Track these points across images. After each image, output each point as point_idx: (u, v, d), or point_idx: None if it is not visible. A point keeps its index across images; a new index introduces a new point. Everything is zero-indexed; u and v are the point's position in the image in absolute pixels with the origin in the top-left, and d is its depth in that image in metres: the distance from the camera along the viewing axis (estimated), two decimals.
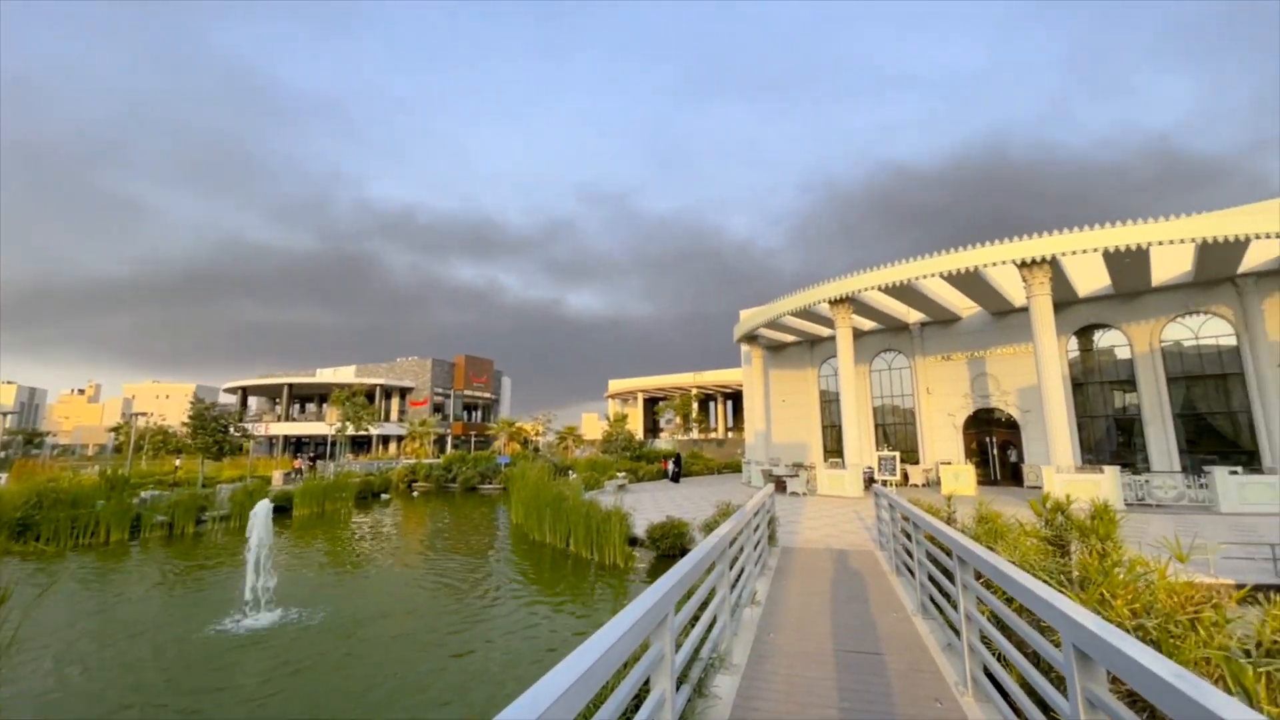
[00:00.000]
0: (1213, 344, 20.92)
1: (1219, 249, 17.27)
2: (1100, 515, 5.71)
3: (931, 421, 26.71)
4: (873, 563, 8.47)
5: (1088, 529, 5.60)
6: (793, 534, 11.85)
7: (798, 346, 31.93)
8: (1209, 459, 20.65)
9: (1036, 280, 17.94)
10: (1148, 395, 21.80)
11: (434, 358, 59.34)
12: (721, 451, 52.11)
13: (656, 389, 63.12)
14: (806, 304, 23.06)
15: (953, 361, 26.48)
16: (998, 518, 6.88)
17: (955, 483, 21.11)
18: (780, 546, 9.85)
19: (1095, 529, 5.55)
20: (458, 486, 31.27)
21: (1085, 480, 16.33)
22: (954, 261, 18.86)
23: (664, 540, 10.83)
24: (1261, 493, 14.71)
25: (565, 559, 11.71)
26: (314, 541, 16.18)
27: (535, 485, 14.35)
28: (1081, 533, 5.70)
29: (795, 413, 31.70)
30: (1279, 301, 19.48)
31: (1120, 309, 22.41)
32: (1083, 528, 5.70)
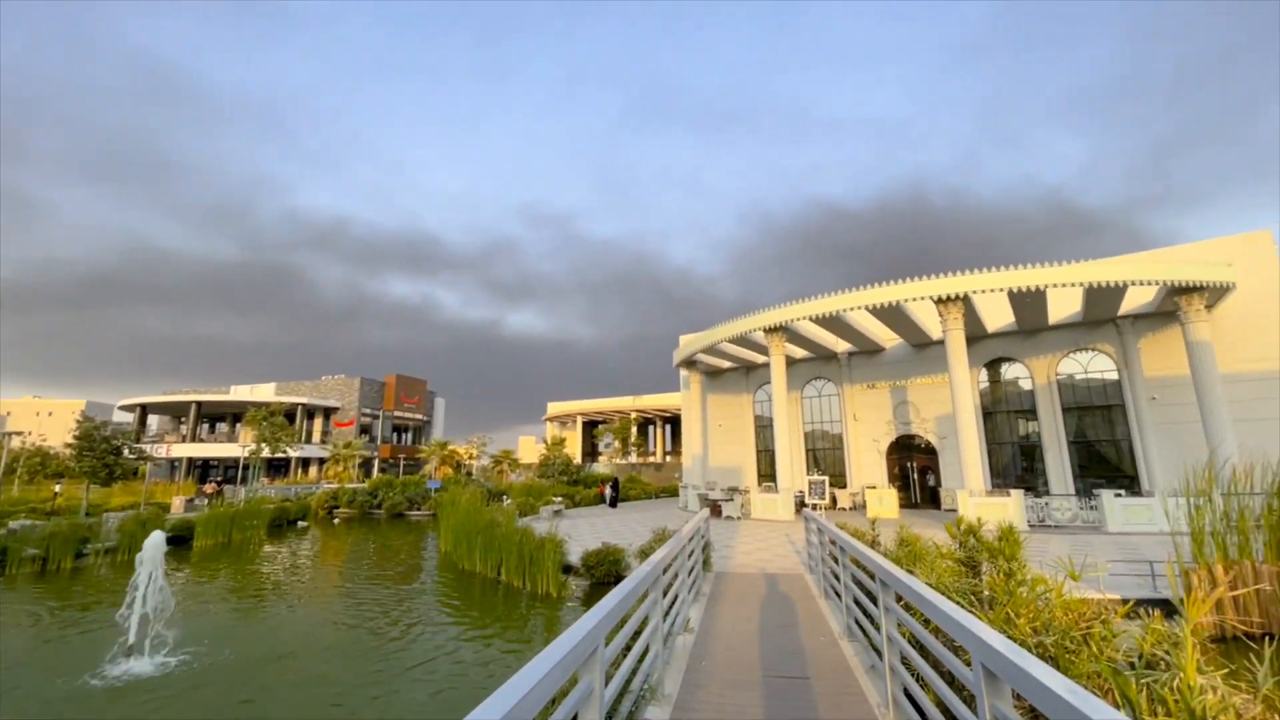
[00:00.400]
0: (1099, 378, 23.16)
1: (1102, 293, 19.25)
2: (1006, 537, 6.11)
3: (858, 446, 27.92)
4: (802, 586, 8.66)
5: (996, 550, 5.97)
6: (726, 559, 11.96)
7: (734, 372, 32.73)
8: (1098, 483, 22.65)
9: (951, 315, 19.32)
10: (1046, 424, 23.77)
11: (363, 376, 56.55)
12: (660, 476, 52.24)
13: (595, 412, 62.77)
14: (743, 331, 23.76)
15: (877, 390, 27.91)
16: (917, 541, 7.23)
17: (879, 506, 22.07)
18: (714, 572, 9.90)
19: (1002, 550, 5.93)
20: (383, 513, 29.61)
21: (994, 503, 17.49)
22: (878, 296, 20.02)
23: (599, 568, 10.64)
24: (1141, 514, 16.25)
25: (496, 589, 11.24)
26: (217, 575, 14.80)
27: (466, 512, 13.79)
28: (990, 554, 6.07)
29: (731, 437, 32.31)
30: (1152, 341, 21.86)
31: (1023, 344, 24.46)
32: (991, 549, 6.07)
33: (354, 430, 54.31)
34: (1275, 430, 19.15)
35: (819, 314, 21.30)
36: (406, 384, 60.02)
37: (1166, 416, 21.29)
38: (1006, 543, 6.01)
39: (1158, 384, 21.56)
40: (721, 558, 12.03)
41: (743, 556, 12.30)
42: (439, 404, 65.11)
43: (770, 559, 11.95)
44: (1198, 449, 20.63)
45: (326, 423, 56.39)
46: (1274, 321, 19.89)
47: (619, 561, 10.67)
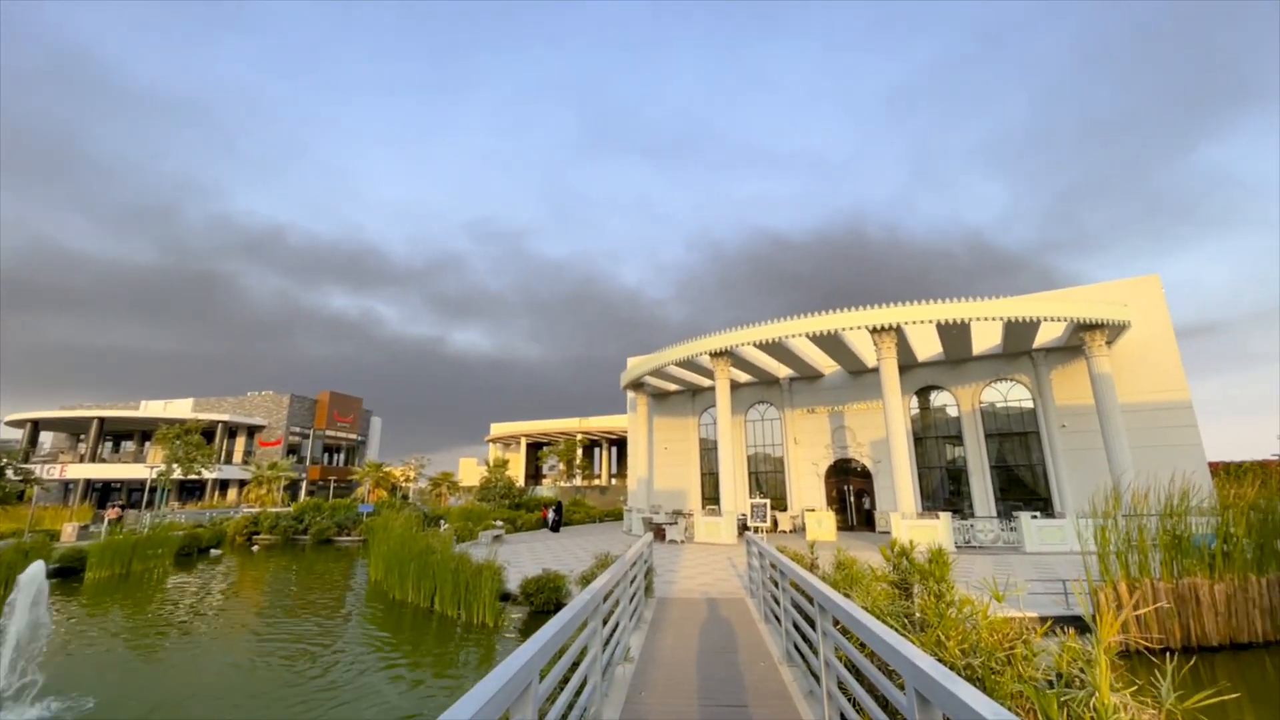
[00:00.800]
0: (1017, 406, 24.80)
1: (1019, 328, 20.73)
2: (936, 559, 6.33)
3: (798, 470, 28.60)
4: (743, 611, 8.67)
5: (926, 572, 6.18)
6: (670, 584, 11.86)
7: (681, 395, 33.02)
8: (1017, 505, 24.08)
9: (885, 345, 20.28)
10: (971, 449, 25.16)
11: (293, 393, 53.44)
12: (605, 499, 51.67)
13: (540, 434, 61.69)
14: (689, 355, 24.06)
15: (817, 415, 28.81)
16: (854, 564, 7.40)
17: (818, 529, 22.58)
18: (657, 597, 9.78)
19: (932, 572, 6.14)
20: (309, 539, 27.75)
21: (924, 525, 18.23)
22: (818, 324, 20.79)
23: (539, 595, 10.29)
24: (1054, 534, 17.35)
25: (429, 619, 10.63)
26: (111, 610, 13.35)
27: (399, 538, 13.08)
28: (921, 575, 6.27)
29: (677, 460, 32.43)
30: (1062, 373, 23.66)
31: (950, 373, 25.94)
32: (922, 571, 6.28)
33: (281, 450, 51.02)
34: (1170, 456, 20.97)
35: (762, 340, 21.88)
36: (341, 402, 57.16)
37: (1075, 443, 22.98)
38: (936, 565, 6.23)
39: (1067, 412, 23.30)
40: (665, 583, 11.92)
41: (685, 581, 12.23)
42: (375, 423, 62.27)
43: (712, 583, 11.94)
44: (1102, 473, 22.33)
45: (250, 442, 52.77)
46: (1165, 356, 21.97)
47: (559, 589, 10.36)
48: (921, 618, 4.78)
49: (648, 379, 29.91)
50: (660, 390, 32.49)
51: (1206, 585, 7.44)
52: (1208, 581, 7.46)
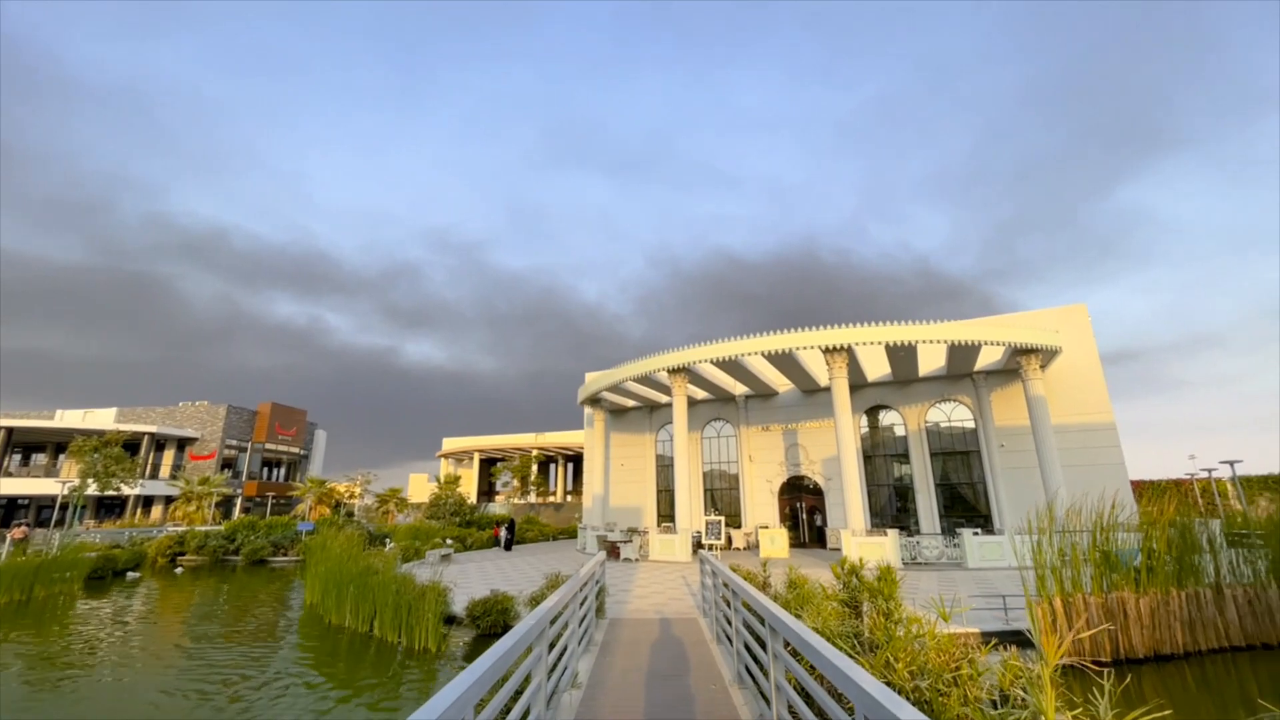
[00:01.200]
0: (960, 426, 25.84)
1: (962, 351, 21.68)
2: (885, 577, 6.41)
3: (753, 487, 28.86)
4: (695, 631, 8.56)
5: (875, 590, 6.24)
6: (622, 603, 11.64)
7: (638, 411, 32.94)
8: (959, 522, 24.96)
9: (837, 365, 20.81)
10: (917, 468, 26.00)
11: (229, 404, 50.55)
12: (559, 516, 50.81)
13: (495, 449, 60.35)
14: (648, 371, 24.07)
15: (771, 432, 29.23)
16: (805, 583, 7.42)
17: (771, 546, 22.77)
18: (609, 618, 9.56)
19: (881, 590, 6.20)
20: (241, 559, 26.03)
21: (873, 542, 18.63)
22: (773, 343, 21.19)
23: (485, 618, 9.87)
24: (994, 550, 18.02)
25: (368, 645, 10.02)
26: (5, 639, 12.08)
27: (338, 558, 12.37)
28: (871, 594, 6.33)
29: (633, 476, 32.22)
30: (1001, 395, 24.83)
31: (897, 393, 26.83)
32: (871, 589, 6.33)
33: (214, 464, 48.02)
34: (1096, 475, 22.20)
35: (720, 357, 22.11)
36: (283, 414, 54.42)
37: (1012, 462, 24.07)
38: (885, 583, 6.30)
39: (1005, 433, 24.42)
40: (617, 603, 11.69)
41: (638, 601, 12.03)
42: (319, 437, 59.54)
43: (665, 602, 11.79)
44: (1037, 491, 23.42)
45: (180, 456, 49.48)
46: (1092, 381, 23.38)
47: (507, 610, 9.98)
48: (871, 638, 4.80)
49: (605, 395, 29.73)
50: (618, 406, 32.35)
51: (1133, 599, 7.81)
52: (1134, 596, 7.84)
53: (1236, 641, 8.30)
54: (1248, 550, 8.90)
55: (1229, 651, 8.29)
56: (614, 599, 12.19)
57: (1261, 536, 9.18)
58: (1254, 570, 8.73)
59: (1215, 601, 8.33)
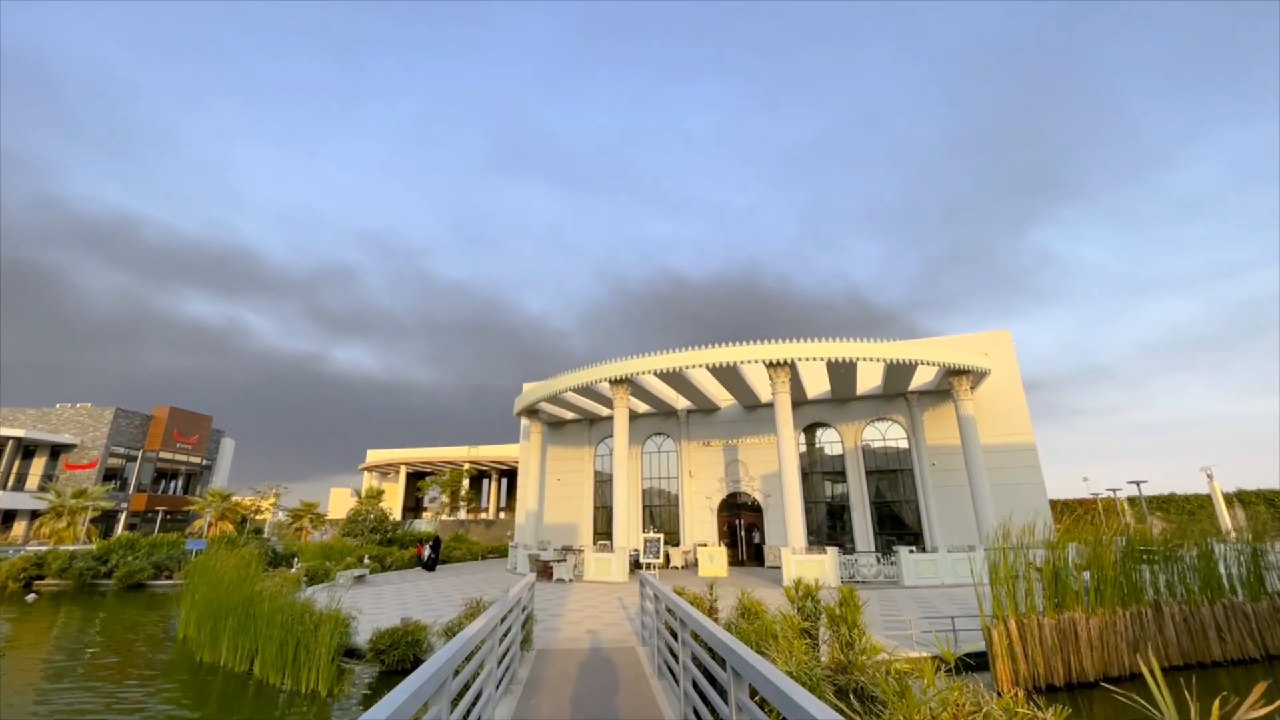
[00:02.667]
0: (894, 445, 26.37)
1: (898, 370, 22.10)
2: (847, 602, 5.78)
3: (692, 504, 28.30)
4: (634, 663, 7.68)
5: (838, 617, 5.59)
6: (552, 631, 10.58)
7: (578, 425, 31.83)
8: (892, 539, 25.32)
9: (780, 380, 20.66)
10: (853, 485, 26.26)
11: (118, 407, 45.31)
12: (490, 533, 48.48)
13: (423, 462, 57.18)
14: (589, 381, 23.15)
15: (712, 448, 28.87)
16: (762, 610, 6.71)
17: (711, 565, 22.17)
18: (536, 650, 8.51)
19: (844, 617, 5.56)
20: (115, 583, 22.72)
21: (813, 560, 18.35)
22: (717, 356, 20.83)
23: (392, 651, 8.53)
24: (929, 568, 18.14)
25: (246, 688, 8.43)
26: None
27: (224, 582, 10.56)
28: (832, 620, 5.67)
29: (569, 492, 30.97)
30: (933, 415, 25.54)
31: (835, 411, 27.13)
32: (833, 615, 5.68)
33: (96, 474, 42.69)
34: (1018, 493, 23.06)
35: (663, 369, 21.53)
36: (182, 419, 49.34)
37: (943, 480, 24.71)
38: (847, 608, 5.68)
39: (936, 452, 25.09)
40: (547, 630, 10.61)
41: (570, 628, 11.00)
42: (226, 446, 54.40)
43: (601, 628, 10.81)
44: (964, 509, 24.08)
45: (54, 464, 43.71)
46: (1014, 403, 24.43)
47: (418, 642, 8.70)
48: (861, 685, 4.11)
49: (544, 405, 28.49)
50: (556, 418, 31.13)
51: (1083, 620, 7.61)
52: (1084, 616, 7.64)
53: (1175, 661, 8.27)
54: (1178, 567, 8.99)
55: (1169, 671, 8.23)
56: (544, 625, 11.10)
57: (1162, 554, 9.28)
58: (1186, 588, 8.80)
59: (1155, 620, 8.29)
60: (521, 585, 7.75)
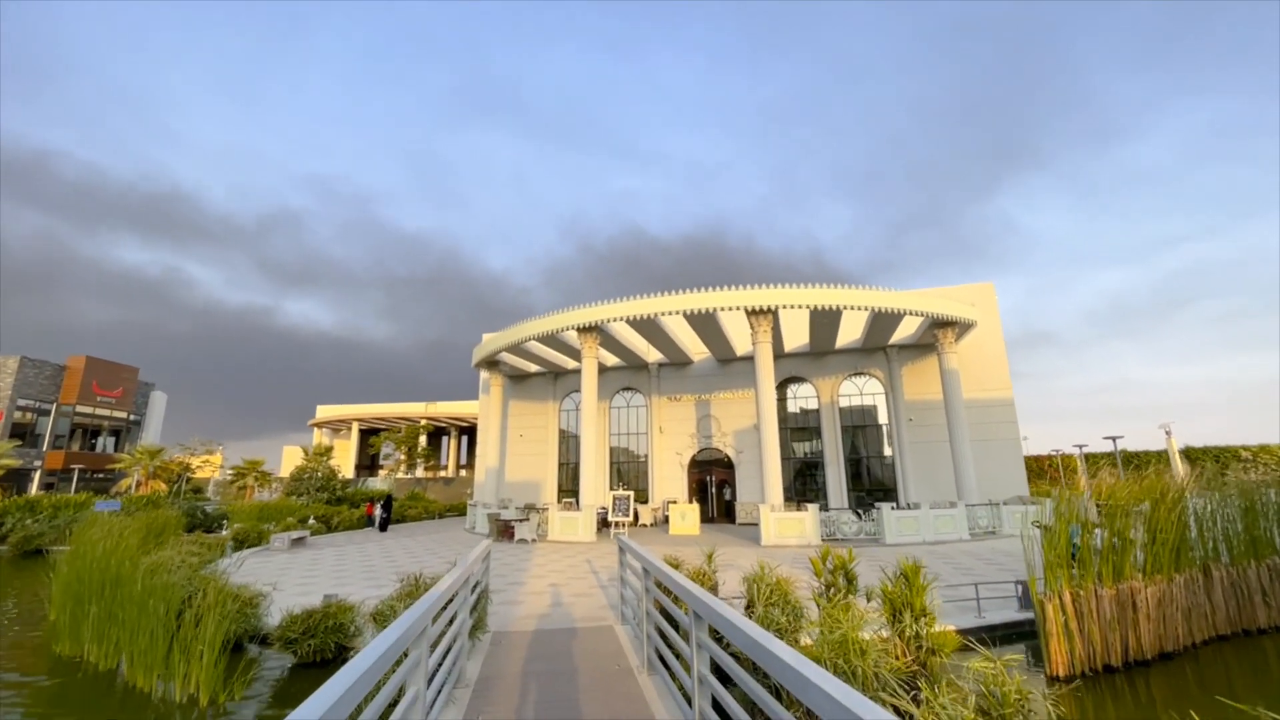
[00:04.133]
0: (871, 400, 25.56)
1: (882, 321, 20.93)
2: (909, 576, 4.31)
3: (661, 459, 27.10)
4: (614, 649, 6.19)
5: (903, 600, 4.11)
6: (512, 604, 9.04)
7: (542, 378, 29.95)
8: (863, 497, 24.81)
9: (761, 328, 19.20)
10: (829, 441, 25.44)
11: (24, 355, 40.75)
12: (449, 492, 46.72)
13: (377, 418, 54.38)
14: (555, 329, 21.20)
15: (683, 403, 27.53)
16: (788, 588, 5.18)
17: (682, 522, 21.08)
18: (491, 633, 6.93)
19: (910, 602, 4.09)
20: (8, 549, 20.05)
21: (792, 518, 17.36)
22: (694, 301, 19.15)
23: (307, 640, 6.74)
24: (910, 526, 17.39)
25: (112, 692, 6.54)
26: None
27: (88, 555, 8.42)
28: (894, 604, 4.20)
29: (532, 448, 29.34)
30: (912, 369, 24.72)
31: (813, 365, 26.04)
32: (895, 598, 4.21)
33: (0, 428, 38.49)
34: (996, 449, 22.64)
35: (635, 316, 19.76)
36: (102, 370, 44.93)
37: (919, 436, 24.10)
38: (912, 588, 4.21)
39: (914, 407, 24.38)
40: (505, 604, 9.06)
41: (533, 600, 9.48)
42: (157, 400, 50.16)
43: (570, 599, 9.33)
44: (941, 466, 23.57)
45: None
46: (995, 357, 23.78)
47: (343, 627, 6.96)
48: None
49: (505, 357, 26.44)
50: (519, 371, 29.13)
51: (1142, 589, 6.48)
52: (1143, 584, 6.51)
53: (1222, 629, 7.35)
54: (1223, 524, 8.01)
55: (1216, 642, 7.30)
56: (503, 597, 9.54)
57: (1211, 511, 8.29)
58: (1231, 548, 7.84)
59: (1205, 586, 7.28)
60: (474, 555, 6.08)
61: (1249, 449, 33.68)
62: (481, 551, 6.73)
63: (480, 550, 6.68)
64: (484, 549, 7.06)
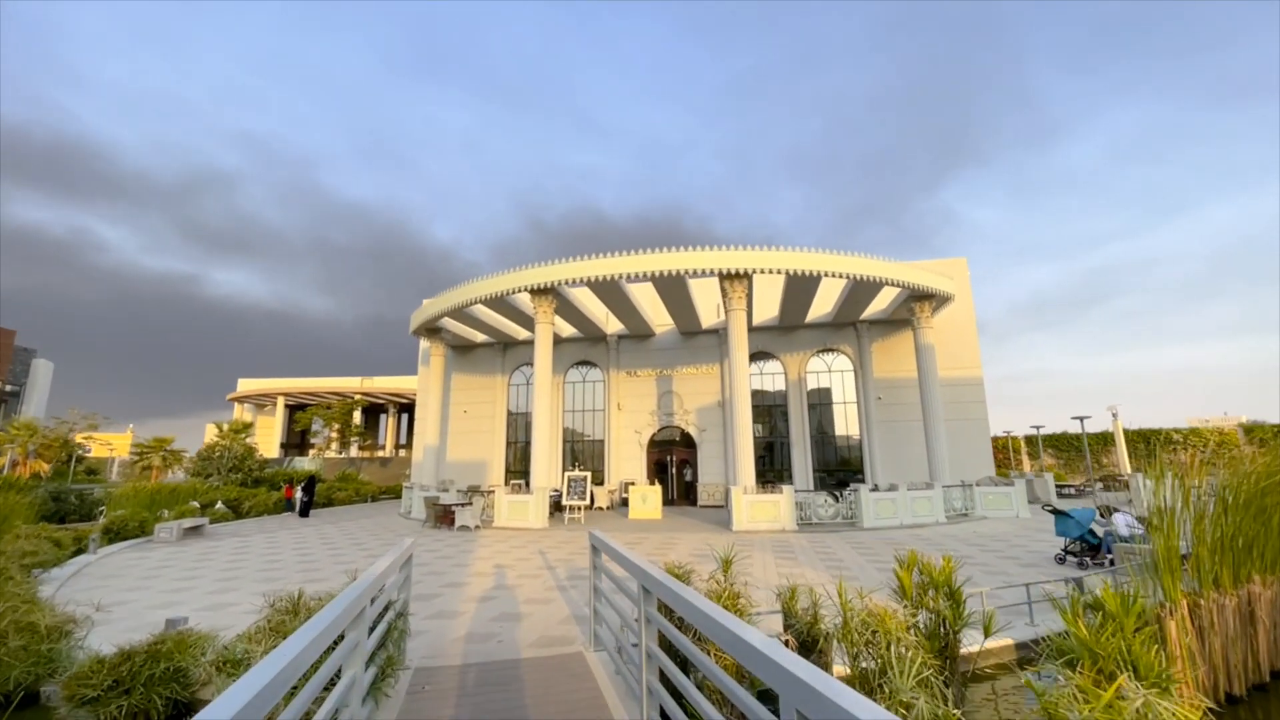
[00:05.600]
0: (839, 377, 24.48)
1: (861, 290, 19.67)
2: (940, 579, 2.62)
3: (619, 438, 25.27)
4: (589, 694, 4.29)
5: None
6: (445, 617, 6.99)
7: (489, 349, 27.40)
8: (824, 477, 23.85)
9: (736, 294, 17.50)
10: (795, 420, 24.24)
11: None
12: (386, 473, 43.40)
13: (306, 393, 50.00)
14: (506, 290, 18.78)
15: (643, 378, 25.69)
16: (889, 619, 3.40)
17: (644, 505, 19.37)
18: (411, 671, 4.89)
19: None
20: None
21: (767, 501, 15.92)
22: (664, 262, 17.22)
23: (120, 696, 4.50)
24: (888, 508, 16.27)
25: None
26: None
27: None
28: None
29: (478, 425, 26.88)
30: (882, 346, 23.73)
31: (780, 340, 24.67)
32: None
33: None
34: (965, 429, 21.98)
35: (597, 277, 17.64)
36: None
37: (888, 415, 23.22)
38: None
39: (883, 385, 23.46)
40: (437, 618, 7.00)
41: (474, 609, 7.46)
42: (40, 369, 44.03)
43: (523, 608, 7.37)
44: (909, 446, 22.80)
45: None
46: (966, 335, 23.07)
47: (184, 673, 4.73)
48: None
49: (448, 323, 23.78)
50: (464, 341, 26.47)
51: (1261, 594, 5.13)
52: (1262, 588, 5.15)
53: None
54: None
55: None
56: (434, 608, 7.47)
57: None
58: None
59: None
60: (382, 566, 4.00)
61: (1180, 431, 35.01)
62: (398, 559, 4.64)
63: (395, 558, 4.58)
64: (403, 553, 4.97)
